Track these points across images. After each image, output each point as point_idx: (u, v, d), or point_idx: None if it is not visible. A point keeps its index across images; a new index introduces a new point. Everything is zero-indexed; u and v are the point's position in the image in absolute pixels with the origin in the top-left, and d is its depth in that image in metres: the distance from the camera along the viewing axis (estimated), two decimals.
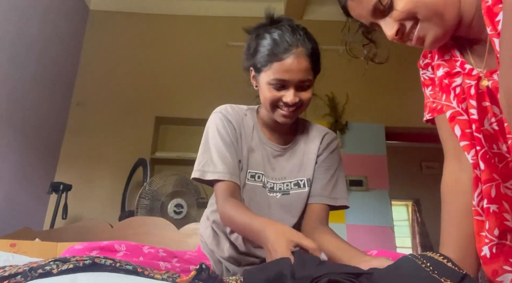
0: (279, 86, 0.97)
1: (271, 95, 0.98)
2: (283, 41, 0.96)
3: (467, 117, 0.79)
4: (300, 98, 0.98)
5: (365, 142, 3.22)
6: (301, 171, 1.07)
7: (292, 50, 0.95)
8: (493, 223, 0.73)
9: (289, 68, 0.94)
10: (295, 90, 0.97)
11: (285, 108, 0.98)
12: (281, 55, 0.95)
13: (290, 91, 0.96)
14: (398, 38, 0.79)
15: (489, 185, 0.74)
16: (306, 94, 0.99)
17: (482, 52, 0.78)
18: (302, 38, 0.97)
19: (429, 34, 0.76)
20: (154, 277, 0.63)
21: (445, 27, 0.76)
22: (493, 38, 0.66)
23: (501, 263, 0.73)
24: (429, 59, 0.92)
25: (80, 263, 0.60)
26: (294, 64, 0.94)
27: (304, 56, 0.96)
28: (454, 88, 0.82)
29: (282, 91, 0.97)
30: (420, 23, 0.75)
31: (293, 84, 0.96)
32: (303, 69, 0.96)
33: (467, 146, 0.79)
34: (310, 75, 0.98)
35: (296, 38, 0.97)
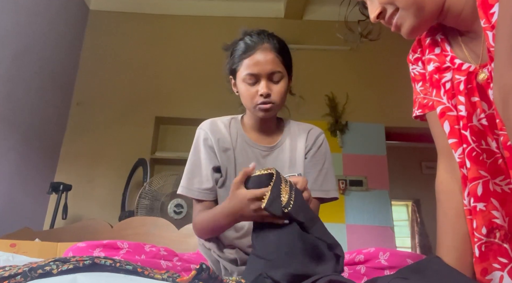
0: (253, 81, 1.05)
1: (247, 92, 1.05)
2: (250, 41, 1.07)
3: (456, 113, 0.79)
4: (272, 91, 1.05)
5: (365, 142, 3.21)
6: (291, 167, 1.10)
7: (257, 46, 1.05)
8: (480, 221, 0.73)
9: (257, 62, 1.04)
10: (267, 82, 1.04)
11: (262, 102, 1.04)
12: (249, 52, 1.05)
13: (262, 83, 1.04)
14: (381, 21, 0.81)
15: (475, 183, 0.73)
16: (278, 87, 1.05)
17: (475, 45, 0.78)
18: (267, 37, 1.08)
19: (406, 23, 0.77)
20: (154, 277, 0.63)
21: (423, 18, 0.77)
22: (487, 31, 0.66)
23: (490, 261, 0.72)
24: (419, 54, 0.92)
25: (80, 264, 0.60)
26: (260, 57, 1.04)
27: (270, 50, 1.05)
28: (444, 84, 0.82)
29: (256, 86, 1.05)
30: (399, 11, 0.77)
31: (263, 76, 1.04)
32: (270, 61, 1.04)
33: (454, 144, 0.78)
34: (279, 67, 1.05)
35: (261, 37, 1.07)
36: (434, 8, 0.76)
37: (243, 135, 1.13)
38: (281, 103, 1.08)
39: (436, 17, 0.78)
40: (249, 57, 1.05)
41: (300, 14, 3.56)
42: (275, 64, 1.04)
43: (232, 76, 1.12)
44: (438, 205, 0.86)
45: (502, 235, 0.72)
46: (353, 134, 3.23)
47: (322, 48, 3.44)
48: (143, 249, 0.96)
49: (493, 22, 0.65)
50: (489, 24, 0.65)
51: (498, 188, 0.73)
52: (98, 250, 0.91)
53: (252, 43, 1.06)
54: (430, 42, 0.86)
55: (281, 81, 1.06)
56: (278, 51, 1.06)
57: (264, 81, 1.04)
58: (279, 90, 1.05)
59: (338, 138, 3.18)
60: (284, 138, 1.14)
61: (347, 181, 3.04)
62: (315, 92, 3.24)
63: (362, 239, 2.90)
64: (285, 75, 1.07)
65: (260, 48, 1.05)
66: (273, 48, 1.05)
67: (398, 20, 0.78)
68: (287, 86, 1.08)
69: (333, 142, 3.17)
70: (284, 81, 1.06)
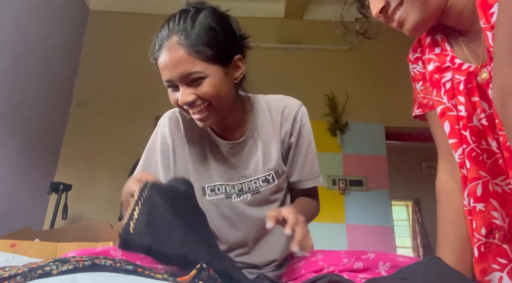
0: (173, 88, 0.86)
1: (172, 100, 0.88)
2: (160, 34, 0.85)
3: (456, 114, 0.78)
4: (196, 96, 0.83)
5: (365, 142, 3.21)
6: (266, 163, 0.96)
7: (163, 44, 0.83)
8: (479, 222, 0.73)
9: (165, 64, 0.82)
10: (185, 88, 0.83)
11: (191, 112, 0.86)
12: (157, 52, 0.84)
13: (181, 90, 0.83)
14: (382, 17, 0.79)
15: (475, 183, 0.73)
16: (203, 88, 0.82)
17: (476, 45, 0.77)
18: (178, 22, 0.83)
19: (410, 18, 0.76)
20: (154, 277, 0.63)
21: (427, 14, 0.76)
22: (486, 31, 0.66)
23: (489, 262, 0.72)
24: (419, 53, 0.91)
25: (80, 264, 0.60)
26: (167, 59, 0.81)
27: (178, 46, 0.81)
28: (444, 84, 0.81)
29: (177, 92, 0.85)
30: (404, 4, 0.75)
31: (178, 81, 0.83)
32: (179, 63, 0.80)
33: (455, 144, 0.78)
34: (195, 66, 0.81)
35: (172, 26, 0.83)
36: (438, 5, 0.75)
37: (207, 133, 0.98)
38: (220, 105, 0.86)
39: (439, 15, 0.77)
40: (158, 59, 0.84)
41: (300, 14, 3.56)
42: (187, 64, 0.80)
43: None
44: (438, 205, 0.86)
45: (502, 236, 0.72)
46: (353, 134, 3.23)
47: (322, 48, 3.44)
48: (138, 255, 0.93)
49: (492, 22, 0.64)
50: (489, 25, 0.65)
51: (498, 188, 0.73)
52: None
53: (160, 38, 0.84)
54: (430, 41, 0.86)
55: (204, 82, 0.82)
56: (191, 44, 0.80)
57: (181, 87, 0.83)
58: (203, 92, 0.82)
59: (338, 138, 3.18)
60: (253, 128, 0.97)
61: (347, 181, 3.04)
62: (315, 92, 3.24)
63: (362, 239, 2.90)
64: (210, 72, 0.82)
65: (166, 46, 0.82)
66: (183, 42, 0.80)
67: (402, 15, 0.76)
68: (218, 83, 0.83)
69: (333, 141, 3.17)
70: (209, 80, 0.82)
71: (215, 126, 0.96)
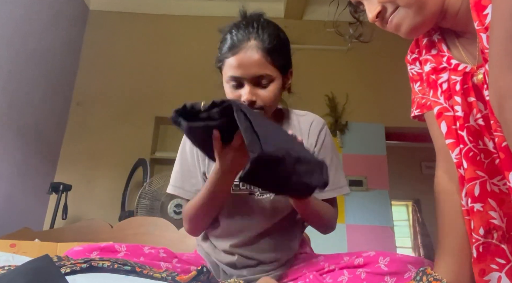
0: (236, 85, 0.93)
1: (231, 96, 0.94)
2: (234, 36, 0.93)
3: (453, 114, 0.78)
4: (258, 97, 0.91)
5: (365, 142, 3.21)
6: None
7: (242, 45, 0.91)
8: (477, 222, 0.73)
9: (240, 64, 0.90)
10: (252, 87, 0.91)
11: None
12: (233, 50, 0.91)
13: (245, 89, 0.91)
14: (378, 22, 0.79)
15: (472, 183, 0.73)
16: (266, 93, 0.92)
17: (472, 46, 0.77)
18: (256, 30, 0.92)
19: (406, 22, 0.76)
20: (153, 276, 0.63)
21: (424, 18, 0.75)
22: (480, 33, 0.66)
23: (488, 262, 0.72)
24: (416, 54, 0.91)
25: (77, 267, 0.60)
26: (244, 58, 0.90)
27: (257, 49, 0.90)
28: (441, 84, 0.81)
29: (240, 90, 0.92)
30: (399, 9, 0.75)
31: (247, 80, 0.91)
32: (256, 63, 0.89)
33: (452, 144, 0.78)
34: (267, 69, 0.91)
35: (248, 31, 0.92)
36: (435, 8, 0.75)
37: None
38: (273, 107, 0.97)
39: (436, 17, 0.77)
40: (232, 57, 0.91)
41: (300, 14, 3.56)
42: (261, 66, 0.90)
43: (220, 72, 1.01)
44: (437, 206, 0.86)
45: (500, 236, 0.72)
46: (353, 134, 3.23)
47: (322, 48, 3.44)
48: (141, 251, 0.94)
49: (486, 24, 0.64)
50: (483, 26, 0.65)
51: (496, 188, 0.73)
52: (95, 253, 0.87)
53: (236, 39, 0.92)
54: (427, 42, 0.86)
55: (270, 85, 0.92)
56: (268, 49, 0.90)
57: (248, 86, 0.91)
58: (266, 95, 0.92)
59: (338, 138, 3.18)
60: None
61: (347, 181, 3.04)
62: (315, 92, 3.24)
63: (362, 239, 2.90)
64: (276, 77, 0.93)
65: (245, 47, 0.90)
66: (261, 47, 0.90)
67: (398, 19, 0.76)
68: (278, 88, 0.94)
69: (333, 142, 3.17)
70: (274, 84, 0.93)
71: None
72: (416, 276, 0.79)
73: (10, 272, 0.61)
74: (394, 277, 0.83)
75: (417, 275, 0.79)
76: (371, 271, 0.85)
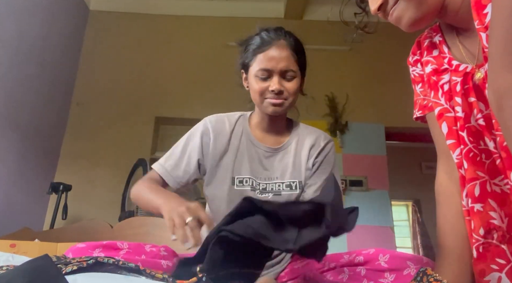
0: (265, 77, 1.04)
1: (258, 87, 1.04)
2: (266, 36, 1.06)
3: (454, 115, 0.79)
4: (285, 88, 1.03)
5: (365, 142, 3.21)
6: (294, 172, 1.08)
7: (273, 42, 1.04)
8: (477, 222, 0.73)
9: (271, 57, 1.03)
10: (280, 78, 1.03)
11: (272, 97, 1.04)
12: (264, 47, 1.04)
13: (275, 79, 1.03)
14: (381, 13, 0.80)
15: (473, 184, 0.73)
16: (290, 85, 1.04)
17: (472, 44, 0.77)
18: (284, 34, 1.07)
19: (406, 15, 0.77)
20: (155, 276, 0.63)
21: (423, 11, 0.76)
22: (480, 32, 0.66)
23: (488, 262, 0.72)
24: (418, 56, 0.92)
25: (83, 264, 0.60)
26: (275, 53, 1.03)
27: (286, 47, 1.04)
28: (442, 86, 0.82)
29: (268, 81, 1.04)
30: (400, 2, 0.76)
31: (276, 72, 1.03)
32: (285, 58, 1.03)
33: (452, 145, 0.78)
34: (292, 65, 1.04)
35: (278, 33, 1.06)
36: (435, 3, 0.76)
37: (248, 134, 1.12)
38: (292, 102, 1.07)
39: (437, 12, 0.78)
40: (264, 52, 1.04)
41: (300, 14, 3.56)
42: (289, 62, 1.03)
43: (244, 70, 1.11)
44: (437, 206, 0.86)
45: (500, 236, 0.72)
46: (353, 134, 3.23)
47: (322, 48, 3.44)
48: (143, 249, 0.95)
49: (486, 23, 0.64)
50: (482, 25, 0.65)
51: (497, 188, 0.73)
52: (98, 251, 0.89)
53: (268, 38, 1.05)
54: (429, 44, 0.86)
55: (294, 80, 1.05)
56: (294, 49, 1.05)
57: (276, 77, 1.03)
58: (291, 88, 1.04)
59: (338, 138, 3.18)
60: (290, 141, 1.12)
61: (347, 181, 3.04)
62: (315, 92, 3.24)
63: (362, 239, 2.89)
64: (298, 74, 1.06)
65: (276, 44, 1.04)
66: (289, 45, 1.05)
67: (399, 12, 0.77)
68: (298, 85, 1.06)
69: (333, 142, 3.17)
70: (296, 81, 1.05)
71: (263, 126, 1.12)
72: (417, 276, 0.79)
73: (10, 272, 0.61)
74: (393, 274, 0.83)
75: (417, 275, 0.80)
76: (371, 268, 0.86)
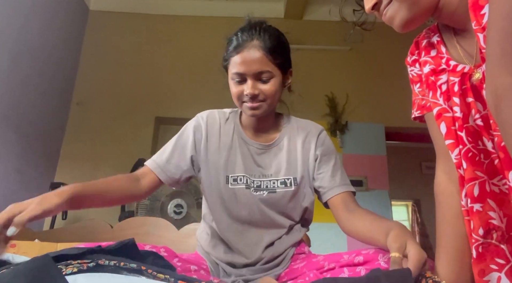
0: (240, 80, 1.02)
1: (235, 90, 1.03)
2: (239, 37, 1.03)
3: (452, 115, 0.79)
4: (260, 91, 1.01)
5: (365, 142, 3.21)
6: (288, 169, 1.07)
7: (245, 44, 1.01)
8: (477, 222, 0.73)
9: (243, 61, 1.00)
10: (254, 82, 1.00)
11: (248, 101, 1.02)
12: (237, 49, 1.01)
13: (248, 84, 1.00)
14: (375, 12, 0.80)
15: (472, 184, 0.73)
16: (267, 87, 1.01)
17: (470, 45, 0.78)
18: (258, 32, 1.03)
19: (398, 15, 0.77)
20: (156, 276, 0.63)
21: (416, 12, 0.76)
22: (477, 33, 0.66)
23: (487, 262, 0.72)
24: (416, 56, 0.92)
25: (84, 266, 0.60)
26: (247, 56, 1.00)
27: (258, 48, 1.00)
28: (440, 86, 0.82)
29: (243, 85, 1.02)
30: (393, 2, 0.76)
31: (250, 76, 1.00)
32: (258, 61, 0.99)
33: (451, 145, 0.78)
34: (267, 66, 1.00)
35: (251, 33, 1.02)
36: (429, 5, 0.76)
37: (240, 131, 1.11)
38: (272, 103, 1.04)
39: (430, 13, 0.78)
40: (237, 55, 1.01)
41: (300, 14, 3.56)
42: (262, 63, 0.99)
43: (226, 71, 1.10)
44: (437, 206, 0.86)
45: (499, 236, 0.72)
46: (353, 134, 3.23)
47: (322, 48, 3.44)
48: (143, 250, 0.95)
49: (483, 24, 0.64)
50: (480, 26, 0.65)
51: (496, 188, 0.73)
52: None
53: (241, 40, 1.02)
54: (427, 44, 0.86)
55: (271, 81, 1.01)
56: (268, 49, 1.00)
57: (250, 81, 1.00)
58: (267, 90, 1.01)
59: (338, 138, 3.18)
60: (281, 137, 1.11)
61: None
62: (315, 92, 3.24)
63: None
64: (276, 74, 1.02)
65: (247, 46, 1.00)
66: (262, 46, 1.00)
67: (392, 12, 0.77)
68: (278, 85, 1.03)
69: (333, 142, 3.17)
70: (274, 81, 1.02)
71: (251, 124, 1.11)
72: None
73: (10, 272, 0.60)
74: None
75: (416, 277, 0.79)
76: (371, 268, 0.85)
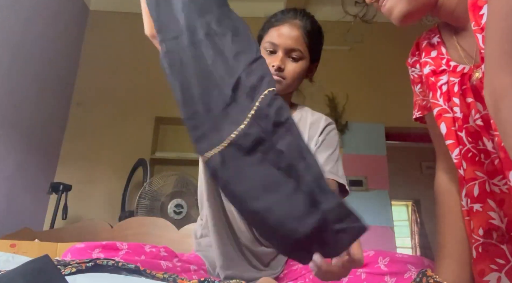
0: (271, 51, 1.03)
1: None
2: (284, 13, 1.07)
3: (452, 115, 0.79)
4: (286, 67, 1.01)
5: (365, 142, 3.21)
6: None
7: (287, 20, 1.04)
8: (477, 222, 0.73)
9: (281, 33, 1.02)
10: (284, 56, 1.02)
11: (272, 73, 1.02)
12: (277, 22, 1.04)
13: (278, 55, 1.01)
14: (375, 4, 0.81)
15: (472, 184, 0.73)
16: (294, 65, 1.02)
17: (470, 44, 0.78)
18: (301, 15, 1.06)
19: (397, 8, 0.78)
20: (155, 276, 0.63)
21: (415, 6, 0.77)
22: (476, 34, 0.66)
23: (487, 262, 0.72)
24: (417, 57, 0.92)
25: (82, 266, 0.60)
26: (286, 30, 1.02)
27: (298, 27, 1.03)
28: (440, 87, 0.82)
29: (273, 56, 1.02)
30: None
31: (282, 49, 1.01)
32: (294, 38, 1.01)
33: (451, 145, 0.78)
34: (301, 46, 1.02)
35: (296, 14, 1.05)
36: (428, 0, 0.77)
37: None
38: (292, 83, 1.04)
39: (429, 8, 0.79)
40: (276, 27, 1.03)
41: None
42: (298, 42, 1.01)
43: (259, 42, 1.10)
44: (437, 206, 0.86)
45: (499, 236, 0.72)
46: (353, 134, 3.23)
47: (322, 48, 3.44)
48: (143, 250, 0.95)
49: (482, 24, 0.65)
50: (479, 27, 0.65)
51: (496, 189, 0.73)
52: (97, 251, 0.89)
53: (283, 15, 1.05)
54: (427, 45, 0.87)
55: (300, 61, 1.03)
56: (306, 31, 1.03)
57: (281, 54, 1.01)
58: (293, 68, 1.02)
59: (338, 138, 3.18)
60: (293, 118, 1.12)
61: (347, 181, 3.04)
62: (315, 92, 3.24)
63: (362, 239, 2.88)
64: (305, 56, 1.04)
65: (289, 22, 1.03)
66: (302, 26, 1.03)
67: (391, 5, 0.78)
68: (304, 68, 1.04)
69: None
70: (302, 62, 1.03)
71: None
72: (416, 277, 0.79)
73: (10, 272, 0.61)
74: (394, 277, 0.83)
75: (417, 276, 0.80)
76: (371, 271, 0.85)
